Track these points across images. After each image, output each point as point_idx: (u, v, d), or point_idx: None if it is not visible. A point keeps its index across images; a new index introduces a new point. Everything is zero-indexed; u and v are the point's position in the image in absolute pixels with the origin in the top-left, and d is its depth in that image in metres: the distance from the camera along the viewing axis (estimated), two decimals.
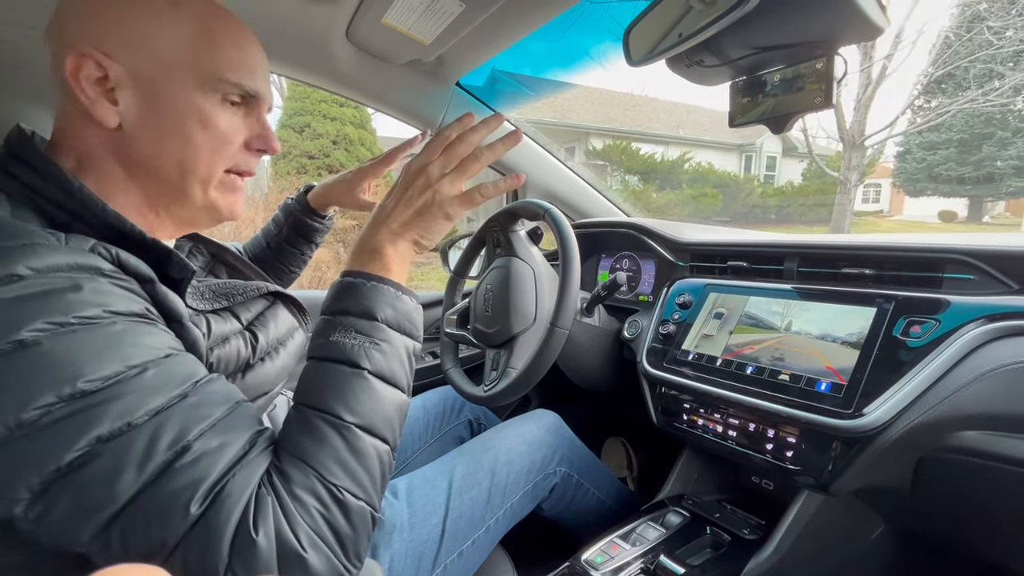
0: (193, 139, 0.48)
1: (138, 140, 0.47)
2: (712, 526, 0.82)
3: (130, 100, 0.46)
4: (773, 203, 11.91)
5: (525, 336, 0.89)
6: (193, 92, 0.47)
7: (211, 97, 0.48)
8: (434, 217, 0.52)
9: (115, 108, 0.45)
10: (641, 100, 13.63)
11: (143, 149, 0.47)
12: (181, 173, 0.49)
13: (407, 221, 0.52)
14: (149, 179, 0.49)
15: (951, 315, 0.64)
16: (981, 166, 10.63)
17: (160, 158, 0.48)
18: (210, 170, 0.50)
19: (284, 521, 0.37)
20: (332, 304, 0.48)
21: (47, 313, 0.34)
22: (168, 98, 0.47)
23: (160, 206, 0.51)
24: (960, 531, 0.76)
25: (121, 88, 0.45)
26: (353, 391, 0.44)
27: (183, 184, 0.49)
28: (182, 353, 0.41)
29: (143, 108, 0.46)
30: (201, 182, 0.50)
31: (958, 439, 0.62)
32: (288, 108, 6.26)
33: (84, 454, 0.33)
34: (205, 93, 0.48)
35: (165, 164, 0.48)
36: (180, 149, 0.48)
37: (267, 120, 0.55)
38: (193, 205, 0.51)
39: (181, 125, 0.48)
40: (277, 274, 0.93)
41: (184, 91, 0.47)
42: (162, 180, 0.49)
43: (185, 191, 0.50)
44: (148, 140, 0.47)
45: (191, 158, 0.49)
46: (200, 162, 0.49)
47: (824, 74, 0.56)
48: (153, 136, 0.47)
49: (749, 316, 0.84)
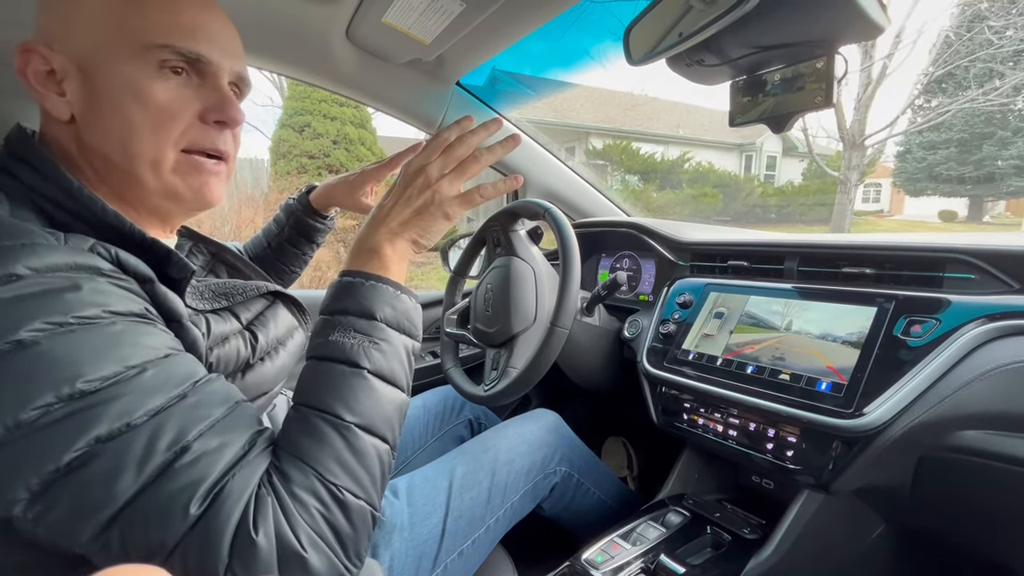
0: (131, 117, 0.44)
1: (87, 129, 0.45)
2: (712, 526, 0.82)
3: (75, 88, 0.44)
4: (773, 203, 11.91)
5: (525, 336, 0.89)
6: (124, 65, 0.44)
7: (144, 67, 0.44)
8: (433, 217, 0.52)
9: (64, 100, 0.44)
10: (641, 100, 13.62)
11: (92, 137, 0.45)
12: (127, 157, 0.45)
13: (406, 220, 0.51)
14: (106, 169, 0.47)
15: (952, 314, 0.64)
16: (981, 166, 10.63)
17: (105, 144, 0.45)
18: (157, 151, 0.46)
19: (284, 521, 0.37)
20: (331, 304, 0.48)
21: (46, 313, 0.34)
22: (102, 77, 0.44)
23: (129, 198, 0.49)
24: (960, 531, 0.76)
25: (68, 78, 0.44)
26: (353, 390, 0.44)
27: (132, 169, 0.46)
28: (181, 353, 0.41)
29: (85, 93, 0.44)
30: (151, 165, 0.46)
31: (959, 438, 0.62)
32: (288, 108, 6.26)
33: (83, 454, 0.33)
34: (136, 63, 0.44)
35: (110, 150, 0.45)
36: (120, 131, 0.45)
37: (226, 89, 0.50)
38: (151, 192, 0.48)
39: (118, 104, 0.44)
40: (278, 274, 0.93)
41: (115, 66, 0.44)
42: (115, 168, 0.46)
43: (137, 177, 0.46)
44: (94, 127, 0.45)
45: (132, 139, 0.45)
46: (143, 142, 0.45)
47: (824, 73, 0.56)
48: (96, 121, 0.45)
49: (749, 316, 0.84)
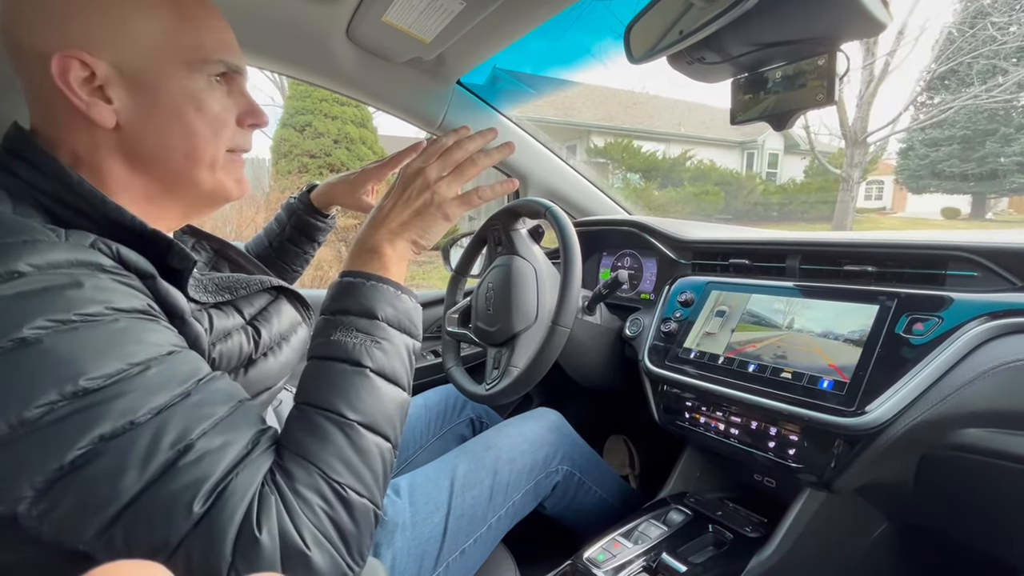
0: (194, 126, 0.48)
1: (139, 136, 0.47)
2: (714, 524, 0.82)
3: (123, 96, 0.45)
4: (775, 201, 11.89)
5: (527, 335, 0.89)
6: (183, 78, 0.47)
7: (199, 80, 0.48)
8: (433, 217, 0.53)
9: (111, 107, 0.45)
10: (642, 98, 13.60)
11: (146, 144, 0.47)
12: (188, 162, 0.49)
13: (406, 221, 0.53)
14: (155, 172, 0.49)
15: (954, 312, 0.64)
16: (984, 163, 10.59)
17: (165, 150, 0.48)
18: (215, 154, 0.50)
19: (288, 519, 0.37)
20: (332, 304, 0.49)
21: (48, 310, 0.34)
22: (162, 88, 0.46)
23: (165, 197, 0.51)
24: (963, 528, 0.76)
25: (111, 85, 0.45)
26: (355, 389, 0.44)
27: (191, 172, 0.50)
28: (185, 350, 0.41)
29: (138, 102, 0.46)
30: (208, 167, 0.50)
31: (961, 436, 0.62)
32: (289, 107, 6.26)
33: (87, 452, 0.33)
34: (193, 77, 0.48)
35: (171, 155, 0.48)
36: (184, 138, 0.48)
37: (251, 96, 0.55)
38: (203, 190, 0.51)
39: (179, 114, 0.47)
40: (279, 273, 0.93)
41: (175, 79, 0.47)
42: (169, 171, 0.49)
43: (194, 178, 0.50)
44: (150, 134, 0.47)
45: (196, 145, 0.49)
46: (205, 148, 0.49)
47: (826, 71, 0.56)
48: (154, 129, 0.47)
49: (751, 314, 0.84)
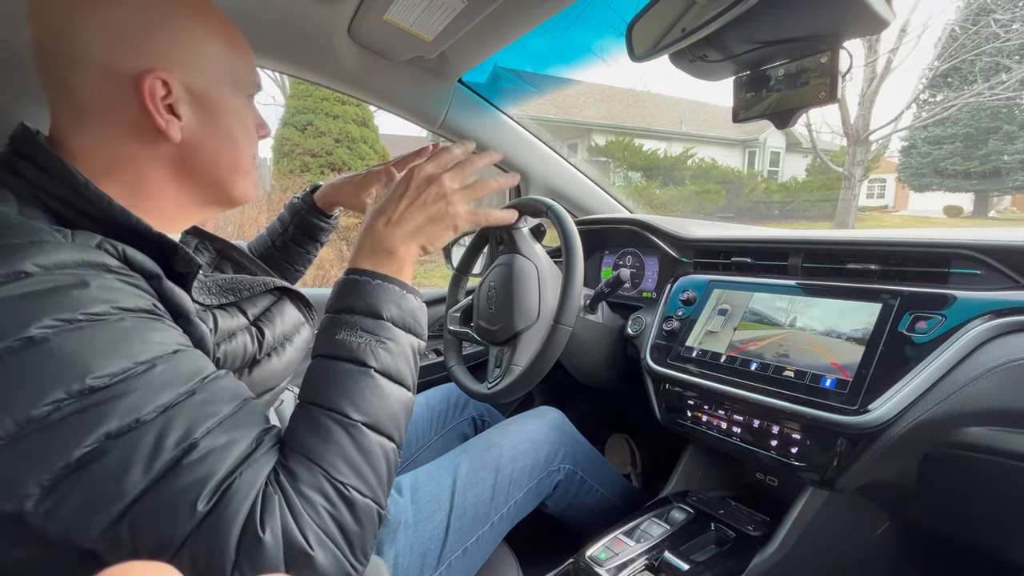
0: (238, 139, 0.53)
1: (198, 149, 0.50)
2: (716, 522, 0.82)
3: (190, 114, 0.49)
4: (777, 199, 11.86)
5: (528, 333, 0.89)
6: (232, 98, 0.52)
7: (242, 99, 0.54)
8: (445, 227, 0.56)
9: (179, 123, 0.48)
10: (644, 96, 13.57)
11: (204, 156, 0.51)
12: (234, 171, 0.54)
13: (421, 226, 0.54)
14: (202, 180, 0.52)
15: (957, 310, 0.64)
16: (987, 160, 10.55)
17: (218, 163, 0.52)
18: (249, 163, 0.55)
19: (291, 519, 0.37)
20: (337, 302, 0.49)
21: (55, 310, 0.35)
22: (222, 106, 0.51)
23: (196, 203, 0.54)
24: (966, 527, 0.76)
25: (181, 103, 0.48)
26: (360, 389, 0.44)
27: (234, 180, 0.54)
28: (190, 349, 0.41)
29: (200, 119, 0.50)
30: (244, 174, 0.55)
31: (964, 435, 0.62)
32: (290, 106, 6.26)
33: (93, 450, 0.33)
34: (239, 96, 0.53)
35: (222, 167, 0.53)
36: (232, 150, 0.53)
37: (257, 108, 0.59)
38: (235, 195, 0.55)
39: (230, 128, 0.52)
40: (282, 272, 0.93)
41: (231, 98, 0.52)
42: (215, 179, 0.53)
43: (235, 185, 0.54)
44: (208, 148, 0.51)
45: (240, 156, 0.54)
46: (246, 158, 0.55)
47: (828, 68, 0.56)
48: (212, 144, 0.51)
49: (753, 312, 0.84)
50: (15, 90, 0.85)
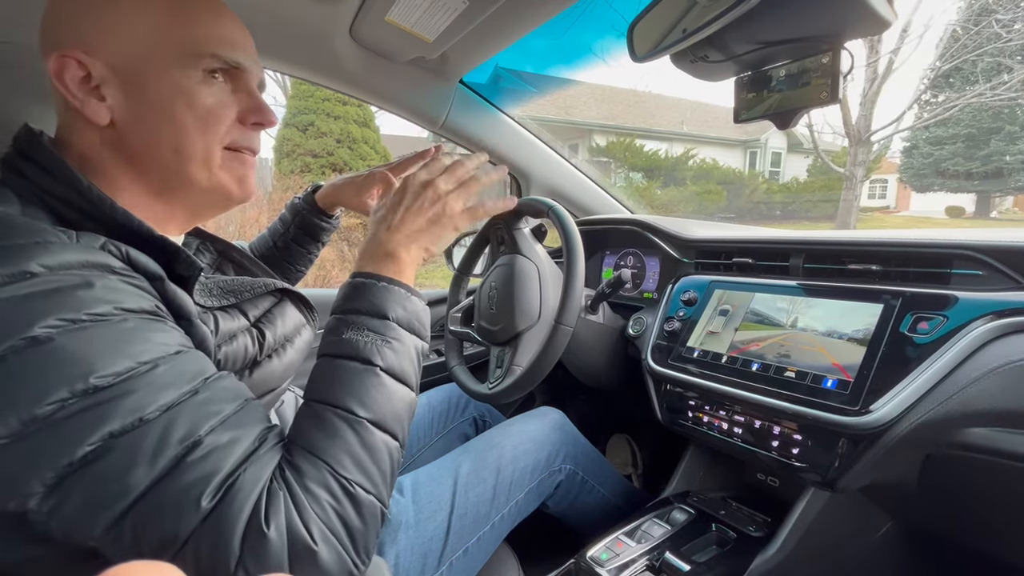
0: (182, 121, 0.47)
1: (132, 133, 0.47)
2: (717, 523, 0.82)
3: (117, 94, 0.46)
4: (778, 199, 11.85)
5: (529, 333, 0.89)
6: (174, 72, 0.47)
7: (192, 74, 0.47)
8: (444, 228, 0.57)
9: (104, 104, 0.45)
10: (645, 96, 13.57)
11: (138, 141, 0.47)
12: (179, 158, 0.48)
13: (421, 228, 0.55)
14: (152, 170, 0.49)
15: (959, 311, 0.64)
16: (989, 161, 10.54)
17: (156, 147, 0.48)
18: (207, 150, 0.49)
19: (296, 515, 0.37)
20: (344, 303, 0.50)
21: (59, 310, 0.35)
22: (152, 84, 0.46)
23: (168, 196, 0.51)
24: (968, 528, 0.76)
25: (106, 84, 0.45)
26: (365, 387, 0.44)
27: (184, 169, 0.49)
28: (192, 350, 0.42)
29: (130, 99, 0.46)
30: (202, 163, 0.49)
31: (966, 436, 0.62)
32: (292, 107, 6.27)
33: (97, 449, 0.33)
34: (185, 71, 0.47)
35: (162, 152, 0.48)
36: (172, 134, 0.47)
37: (259, 94, 0.54)
38: (200, 188, 0.51)
39: (168, 109, 0.47)
40: (284, 273, 0.94)
41: (166, 74, 0.46)
42: (164, 169, 0.49)
43: (188, 176, 0.49)
44: (141, 131, 0.47)
45: (184, 141, 0.48)
46: (195, 143, 0.48)
47: (830, 69, 0.56)
48: (145, 126, 0.47)
49: (754, 313, 0.84)
50: (18, 91, 0.85)
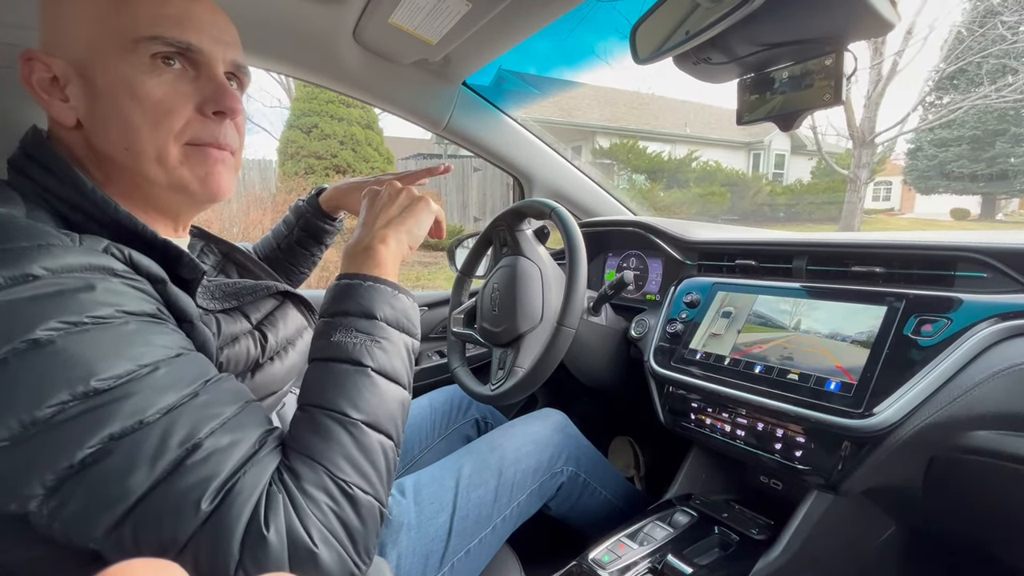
0: (129, 116, 0.44)
1: (93, 132, 0.45)
2: (720, 526, 0.82)
3: (77, 93, 0.44)
4: (782, 201, 11.81)
5: (532, 335, 0.89)
6: (117, 63, 0.43)
7: (136, 63, 0.44)
8: (418, 209, 0.58)
9: (68, 105, 0.45)
10: (648, 98, 13.56)
11: (100, 141, 0.45)
12: (132, 157, 0.45)
13: (393, 216, 0.56)
14: (114, 171, 0.47)
15: (963, 314, 0.64)
16: (994, 163, 10.49)
17: (109, 145, 0.45)
18: (160, 147, 0.46)
19: (295, 517, 0.37)
20: (331, 306, 0.49)
21: (61, 312, 0.35)
22: (99, 78, 0.44)
23: (139, 197, 0.49)
24: (972, 531, 0.75)
25: (70, 84, 0.44)
26: (358, 389, 0.44)
27: (139, 169, 0.46)
28: (193, 352, 0.42)
29: (87, 97, 0.44)
30: (156, 161, 0.46)
31: (970, 439, 0.61)
32: (296, 109, 6.30)
33: (97, 451, 0.33)
34: (128, 59, 0.43)
35: (115, 150, 0.45)
36: (121, 131, 0.45)
37: (222, 78, 0.49)
38: (160, 188, 0.48)
39: (116, 103, 0.44)
40: (287, 274, 0.94)
41: (109, 64, 0.43)
42: (121, 169, 0.46)
43: (144, 174, 0.46)
44: (99, 129, 0.45)
45: (133, 138, 0.45)
46: (144, 140, 0.45)
47: (833, 70, 0.56)
48: (100, 124, 0.45)
49: (757, 315, 0.83)
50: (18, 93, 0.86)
